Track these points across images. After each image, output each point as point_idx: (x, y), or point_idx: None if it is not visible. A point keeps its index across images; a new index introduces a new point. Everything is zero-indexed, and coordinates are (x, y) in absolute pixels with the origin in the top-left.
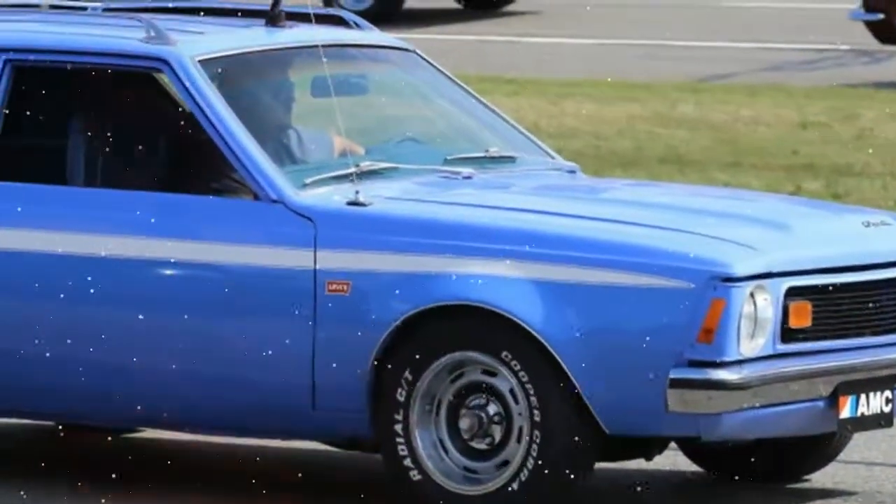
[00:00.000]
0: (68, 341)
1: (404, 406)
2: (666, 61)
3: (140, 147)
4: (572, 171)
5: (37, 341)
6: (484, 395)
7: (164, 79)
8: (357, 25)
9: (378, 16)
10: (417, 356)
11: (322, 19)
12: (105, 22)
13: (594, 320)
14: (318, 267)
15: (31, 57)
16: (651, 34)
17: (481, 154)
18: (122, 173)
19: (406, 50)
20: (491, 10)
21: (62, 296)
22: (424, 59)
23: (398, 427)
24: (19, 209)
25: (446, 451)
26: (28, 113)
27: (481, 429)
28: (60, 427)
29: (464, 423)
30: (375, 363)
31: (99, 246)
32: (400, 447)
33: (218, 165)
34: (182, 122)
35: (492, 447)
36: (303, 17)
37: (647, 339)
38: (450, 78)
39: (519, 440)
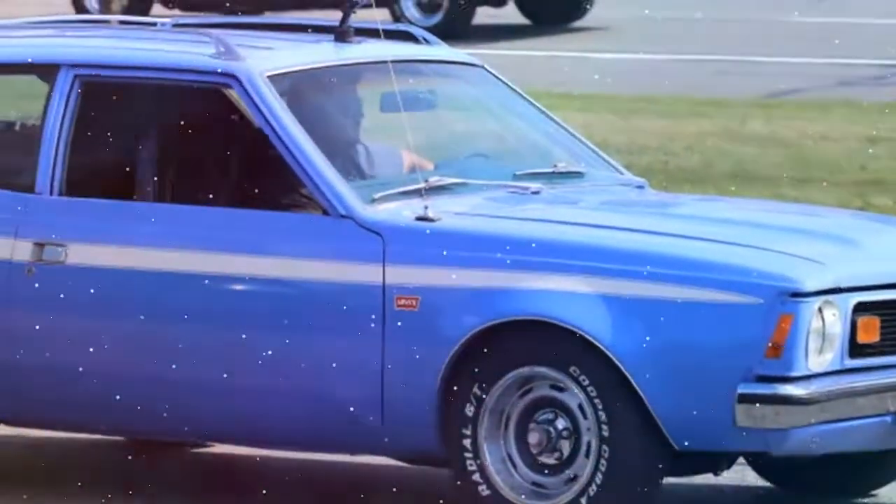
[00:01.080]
0: (137, 356)
1: (473, 421)
2: (736, 77)
3: (209, 162)
4: (641, 187)
5: (107, 357)
6: (552, 410)
7: (234, 94)
8: (426, 41)
9: (447, 31)
10: (486, 371)
11: (391, 35)
12: (174, 38)
13: (662, 335)
14: (386, 282)
15: (101, 73)
16: (721, 50)
17: (550, 169)
18: (191, 189)
19: (475, 65)
20: (560, 26)
21: (132, 311)
22: (493, 74)
23: (467, 442)
24: (89, 225)
25: (515, 466)
26: (97, 129)
27: (550, 444)
28: (132, 442)
29: (532, 438)
30: (444, 378)
31: (167, 261)
32: (469, 462)
33: (287, 181)
34: (251, 138)
35: (560, 462)
36: (372, 33)
37: (716, 354)
38: (518, 93)
39: (587, 455)
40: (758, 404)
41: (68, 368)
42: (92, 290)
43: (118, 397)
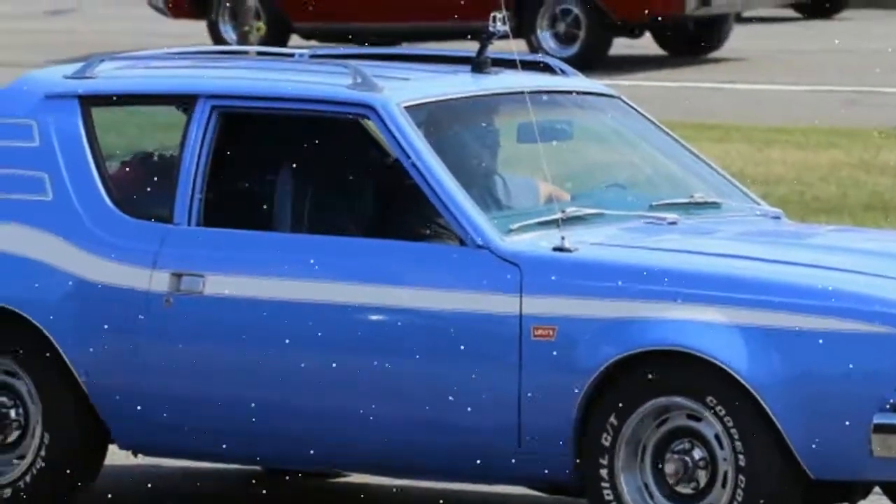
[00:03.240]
0: (274, 386)
1: (609, 451)
2: (870, 107)
3: (346, 193)
4: (777, 217)
5: (243, 386)
6: (689, 440)
7: (371, 125)
8: (563, 72)
9: (583, 62)
10: (623, 401)
11: (528, 66)
12: (312, 68)
13: (799, 365)
14: (523, 312)
15: (238, 103)
16: (855, 80)
17: (686, 200)
18: (328, 219)
19: (611, 96)
20: (696, 57)
21: (269, 341)
22: (630, 105)
23: (603, 472)
24: (227, 255)
25: (651, 496)
26: (235, 159)
27: (686, 473)
28: (266, 471)
29: (669, 468)
30: (580, 408)
31: (304, 292)
32: (605, 492)
33: (424, 211)
34: (388, 168)
35: (697, 492)
36: (509, 64)
37: (852, 383)
38: (655, 124)
39: (724, 485)
40: (894, 434)
41: (205, 398)
42: (229, 321)
43: (254, 427)
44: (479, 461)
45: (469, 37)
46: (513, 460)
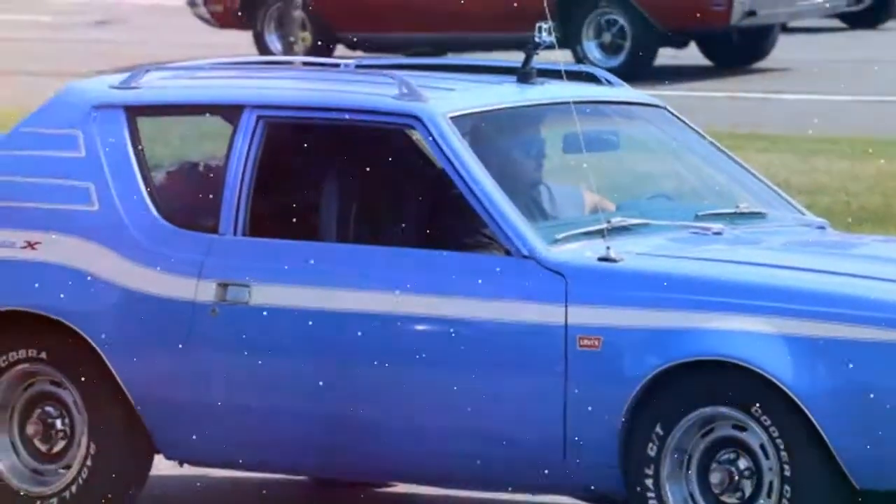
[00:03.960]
0: (320, 396)
1: (655, 461)
2: None
3: (391, 203)
4: (822, 227)
5: (290, 396)
6: (734, 450)
7: (416, 135)
8: (608, 82)
9: (629, 72)
10: (668, 411)
11: (573, 76)
12: (357, 79)
13: (844, 375)
14: (569, 322)
15: (284, 113)
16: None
17: (732, 210)
18: (373, 229)
19: (657, 106)
20: (742, 67)
21: (315, 351)
22: (675, 115)
23: (649, 482)
24: (273, 265)
25: None
26: (280, 169)
27: (732, 483)
28: (312, 481)
29: (714, 478)
30: (626, 418)
31: (349, 301)
32: (651, 502)
33: (469, 221)
34: (433, 179)
35: (742, 502)
36: (554, 74)
37: None
38: (700, 134)
39: (769, 495)
40: None
41: (251, 408)
42: (275, 331)
43: (301, 437)
44: (524, 471)
45: (515, 47)
46: (558, 470)
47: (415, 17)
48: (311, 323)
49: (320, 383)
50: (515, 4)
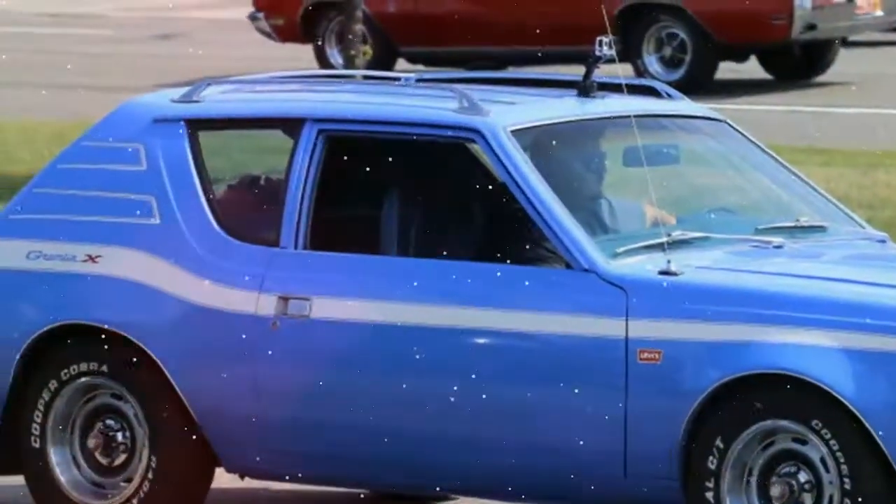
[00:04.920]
0: (380, 410)
1: (715, 474)
2: None
3: (452, 216)
4: (882, 241)
5: (350, 410)
6: (795, 463)
7: (477, 149)
8: (669, 96)
9: (689, 86)
10: (729, 424)
11: (634, 89)
12: (418, 93)
13: None
14: (629, 335)
15: (344, 127)
16: None
17: (792, 223)
18: (434, 242)
19: (717, 120)
20: (801, 81)
21: (376, 365)
22: (735, 128)
23: (709, 495)
24: (334, 279)
25: None
26: (341, 182)
27: (792, 497)
28: (374, 495)
29: (775, 491)
30: (686, 431)
31: (410, 315)
32: None
33: (530, 235)
34: (494, 192)
35: None
36: (615, 88)
37: None
38: (760, 148)
39: None
40: None
41: (312, 422)
42: (336, 344)
43: (361, 450)
44: (584, 484)
45: (575, 61)
46: (617, 483)
47: (475, 31)
48: (371, 336)
49: (381, 397)
50: (576, 18)
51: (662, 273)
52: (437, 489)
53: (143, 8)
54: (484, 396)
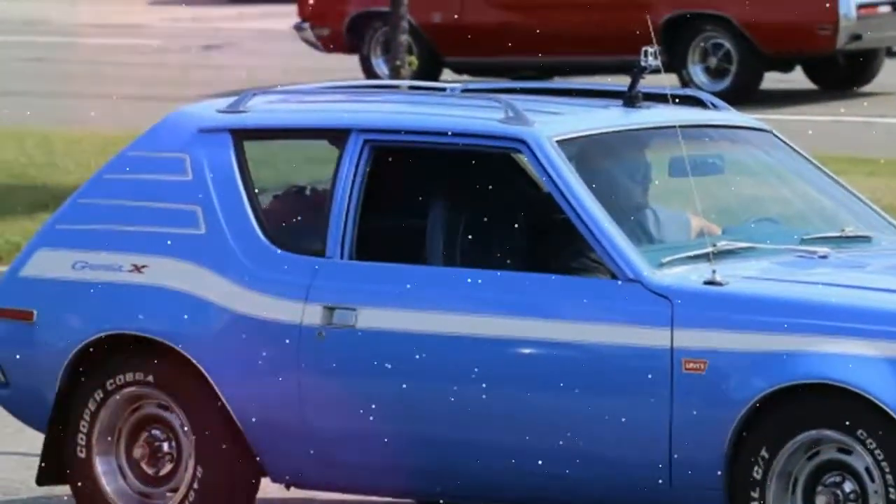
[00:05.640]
0: (427, 420)
1: (761, 484)
2: None
3: (498, 226)
4: None
5: (397, 420)
6: (840, 473)
7: (522, 159)
8: (714, 106)
9: (735, 96)
10: (774, 434)
11: (679, 100)
12: (463, 103)
13: None
14: (674, 345)
15: (390, 137)
16: None
17: (837, 234)
18: (480, 252)
19: (763, 130)
20: (847, 91)
21: (421, 375)
22: (781, 139)
23: None
24: (380, 289)
25: None
26: (386, 192)
27: None
28: None
29: (820, 501)
30: (731, 441)
31: (456, 325)
32: None
33: (575, 245)
34: (539, 202)
35: None
36: (660, 98)
37: None
38: (806, 158)
39: None
40: None
41: (358, 432)
42: (382, 354)
43: (407, 460)
44: (631, 494)
45: (620, 71)
46: (661, 493)
47: (520, 41)
48: (417, 346)
49: (427, 407)
50: (621, 28)
51: (707, 283)
52: (481, 498)
53: (189, 18)
54: (529, 406)
